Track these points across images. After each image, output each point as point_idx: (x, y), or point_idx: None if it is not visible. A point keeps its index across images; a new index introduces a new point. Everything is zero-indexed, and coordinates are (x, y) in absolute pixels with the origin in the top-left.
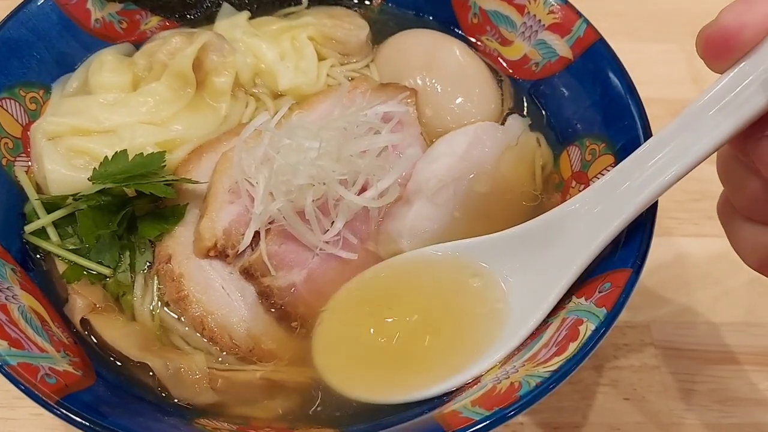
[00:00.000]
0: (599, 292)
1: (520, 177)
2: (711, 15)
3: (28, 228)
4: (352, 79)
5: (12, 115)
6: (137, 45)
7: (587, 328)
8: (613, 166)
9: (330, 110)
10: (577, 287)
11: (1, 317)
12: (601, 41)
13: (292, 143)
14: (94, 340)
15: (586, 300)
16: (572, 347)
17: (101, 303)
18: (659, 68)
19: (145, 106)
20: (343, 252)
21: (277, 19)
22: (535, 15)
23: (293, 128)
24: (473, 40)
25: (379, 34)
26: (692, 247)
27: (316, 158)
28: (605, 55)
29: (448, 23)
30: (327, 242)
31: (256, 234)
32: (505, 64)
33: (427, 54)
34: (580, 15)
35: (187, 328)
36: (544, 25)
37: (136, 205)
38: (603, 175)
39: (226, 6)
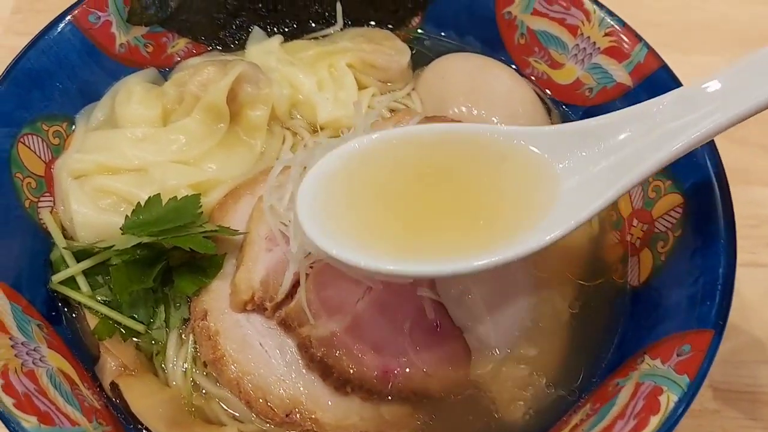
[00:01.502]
0: (678, 356)
1: None
2: (759, 25)
3: (56, 278)
4: (393, 110)
5: (35, 152)
6: (162, 70)
7: (669, 399)
8: (682, 207)
9: None
10: (650, 344)
11: (29, 386)
12: (665, 68)
13: None
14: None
15: (662, 363)
16: (654, 422)
17: (133, 363)
18: None
19: (176, 144)
20: (394, 289)
21: (313, 43)
22: (589, 37)
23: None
24: (519, 63)
25: (419, 57)
26: (749, 277)
27: None
28: (670, 85)
29: (492, 44)
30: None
31: (296, 282)
32: (553, 90)
33: (472, 80)
34: (640, 39)
35: (223, 391)
36: (599, 48)
37: (172, 256)
38: (670, 215)
39: (256, 29)
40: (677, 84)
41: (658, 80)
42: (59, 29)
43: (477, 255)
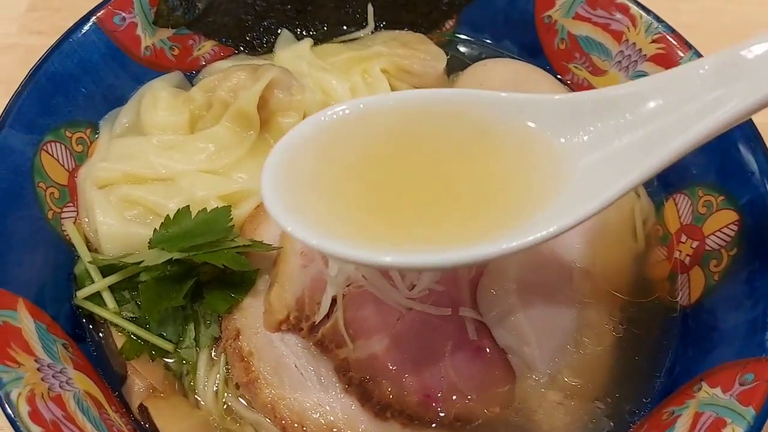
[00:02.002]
0: (740, 385)
1: (620, 233)
2: None
3: (81, 293)
4: None
5: (58, 161)
6: (188, 74)
7: None
8: (738, 225)
9: None
10: (707, 371)
11: (57, 413)
12: None
13: None
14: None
15: (723, 392)
16: None
17: (162, 384)
18: None
19: (204, 152)
20: (434, 308)
21: (344, 47)
22: (635, 44)
23: None
24: (558, 68)
25: (453, 62)
26: None
27: None
28: None
29: (530, 49)
30: (414, 299)
31: (333, 301)
32: None
33: (513, 88)
34: (690, 46)
35: (257, 415)
36: (645, 55)
37: (202, 272)
38: (723, 232)
39: (285, 32)
40: None
41: None
42: (83, 31)
43: (475, 244)
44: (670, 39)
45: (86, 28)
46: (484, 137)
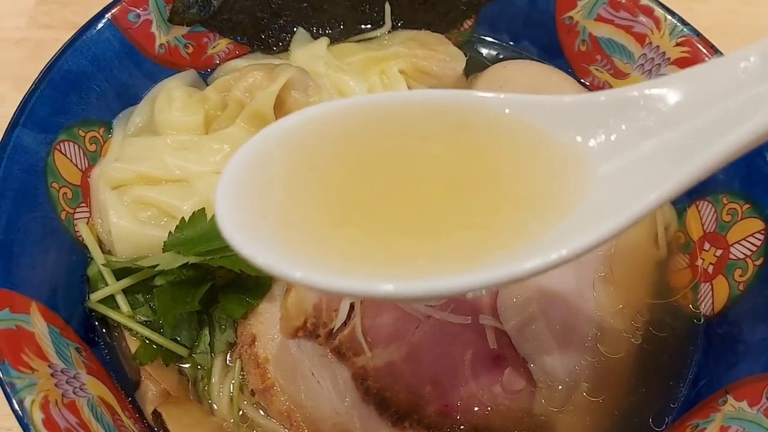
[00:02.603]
0: (767, 399)
1: (641, 239)
2: None
3: (95, 296)
4: None
5: (71, 160)
6: (202, 72)
7: None
8: (764, 234)
9: None
10: (732, 383)
11: (71, 420)
12: None
13: None
14: None
15: (750, 406)
16: None
17: (176, 390)
18: None
19: (220, 154)
20: (453, 316)
21: (361, 47)
22: (658, 47)
23: None
24: (579, 70)
25: (471, 63)
26: None
27: None
28: None
29: (550, 50)
30: (433, 307)
31: (351, 307)
32: None
33: (533, 91)
34: (716, 50)
35: (273, 423)
36: (669, 58)
37: (217, 276)
38: (749, 241)
39: (301, 31)
40: None
41: None
42: (98, 28)
43: (486, 265)
44: (696, 42)
45: (100, 25)
46: (487, 142)
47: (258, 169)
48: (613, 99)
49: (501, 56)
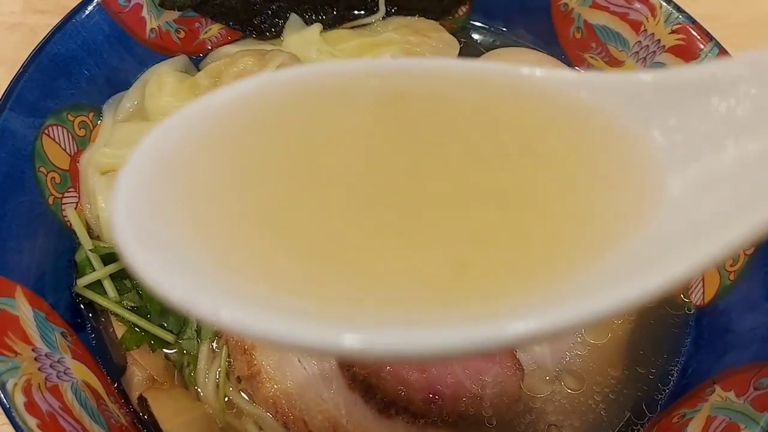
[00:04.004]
0: (755, 389)
1: None
2: None
3: (81, 281)
4: None
5: (59, 145)
6: (193, 57)
7: None
8: None
9: None
10: (720, 373)
11: (54, 404)
12: None
13: None
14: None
15: (737, 396)
16: None
17: (162, 376)
18: None
19: None
20: None
21: (354, 33)
22: (653, 34)
23: None
24: (573, 58)
25: (465, 51)
26: None
27: None
28: None
29: (545, 37)
30: None
31: None
32: None
33: None
34: (711, 37)
35: (259, 410)
36: (664, 46)
37: None
38: None
39: (294, 17)
40: None
41: None
42: (87, 12)
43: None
44: (691, 30)
45: (90, 8)
46: (517, 128)
47: (170, 168)
48: (699, 79)
49: (496, 42)
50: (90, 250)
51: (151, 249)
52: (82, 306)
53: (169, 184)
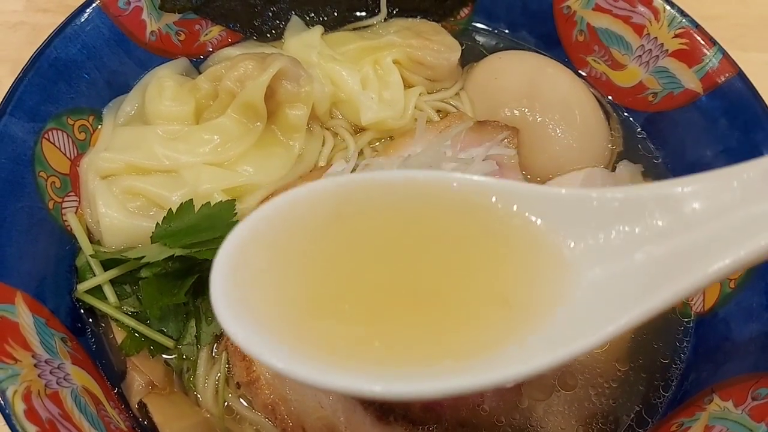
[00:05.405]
0: (753, 399)
1: None
2: None
3: (82, 287)
4: (439, 111)
5: (59, 149)
6: (194, 60)
7: None
8: None
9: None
10: (719, 382)
11: (53, 411)
12: (740, 76)
13: None
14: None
15: (735, 406)
16: None
17: (162, 381)
18: (765, 83)
19: (209, 144)
20: None
21: (356, 36)
22: (656, 38)
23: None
24: (576, 61)
25: (467, 53)
26: None
27: None
28: (745, 94)
29: (548, 40)
30: None
31: None
32: (612, 92)
33: (528, 82)
34: (714, 42)
35: (258, 416)
36: (667, 50)
37: (204, 268)
38: None
39: (295, 18)
40: (754, 94)
41: (731, 89)
42: (87, 15)
43: (467, 368)
44: (694, 34)
45: (89, 11)
46: (476, 230)
47: (247, 254)
48: (617, 200)
49: (499, 45)
50: (90, 255)
51: (245, 325)
52: (82, 311)
53: (253, 268)
